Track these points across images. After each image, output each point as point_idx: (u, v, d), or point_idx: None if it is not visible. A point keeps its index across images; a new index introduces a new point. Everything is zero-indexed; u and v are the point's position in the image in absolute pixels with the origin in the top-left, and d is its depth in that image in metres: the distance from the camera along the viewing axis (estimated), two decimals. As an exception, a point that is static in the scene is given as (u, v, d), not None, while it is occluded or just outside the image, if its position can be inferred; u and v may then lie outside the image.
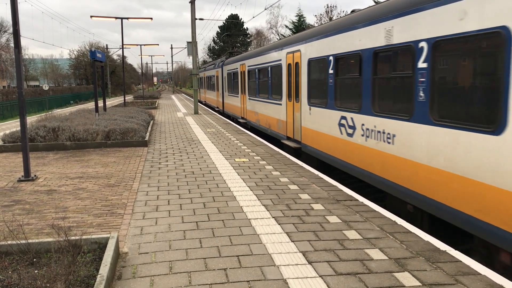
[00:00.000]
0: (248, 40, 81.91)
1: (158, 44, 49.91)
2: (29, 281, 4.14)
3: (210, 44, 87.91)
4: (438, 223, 6.70)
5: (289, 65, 13.46)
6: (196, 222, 6.37)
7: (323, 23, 38.68)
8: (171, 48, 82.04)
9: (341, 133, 9.52)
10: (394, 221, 6.29)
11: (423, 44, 6.61)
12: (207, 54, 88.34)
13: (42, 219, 6.67)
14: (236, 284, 4.43)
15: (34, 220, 6.59)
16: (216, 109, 32.15)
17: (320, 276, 4.58)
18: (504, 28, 5.08)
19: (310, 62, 11.47)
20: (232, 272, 4.69)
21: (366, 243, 5.46)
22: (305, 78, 11.84)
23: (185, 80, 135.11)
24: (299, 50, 12.47)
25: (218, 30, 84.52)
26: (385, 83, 7.91)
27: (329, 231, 5.91)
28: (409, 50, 6.94)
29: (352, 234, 5.78)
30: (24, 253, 4.89)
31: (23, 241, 4.93)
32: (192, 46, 28.20)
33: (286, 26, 68.07)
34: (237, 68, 22.73)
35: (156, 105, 36.30)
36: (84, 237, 5.06)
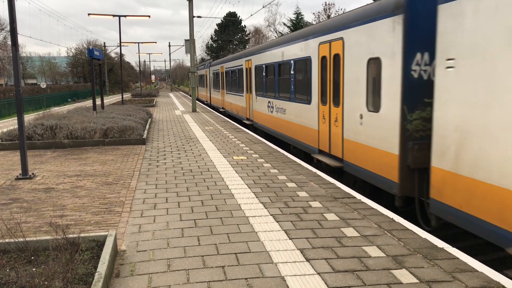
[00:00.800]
0: (246, 38, 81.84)
1: (156, 42, 50.07)
2: (27, 279, 4.14)
3: (208, 42, 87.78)
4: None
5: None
6: (194, 220, 6.38)
7: (321, 20, 38.64)
8: (169, 46, 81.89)
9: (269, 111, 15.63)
10: (392, 218, 6.31)
11: (293, 61, 12.60)
12: (205, 52, 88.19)
13: (40, 217, 6.66)
14: (234, 281, 4.44)
15: (32, 218, 6.59)
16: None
17: (318, 273, 4.59)
18: (309, 57, 11.35)
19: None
20: (230, 270, 4.70)
21: (364, 241, 5.48)
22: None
23: (183, 78, 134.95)
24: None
25: (216, 27, 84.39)
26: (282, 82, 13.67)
27: (327, 229, 5.92)
28: (289, 64, 12.92)
29: (349, 232, 5.79)
30: (22, 251, 4.89)
31: (21, 239, 4.93)
32: (190, 44, 28.16)
33: (284, 24, 68.00)
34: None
35: (154, 103, 36.25)
36: (82, 235, 5.06)
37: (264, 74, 16.33)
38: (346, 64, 9.17)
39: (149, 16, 31.84)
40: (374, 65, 8.05)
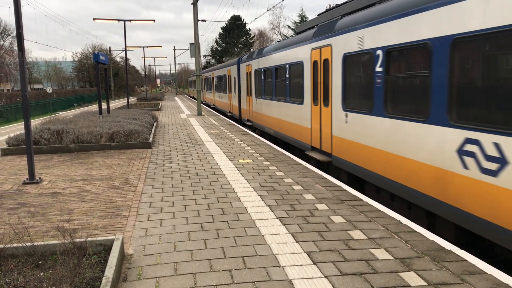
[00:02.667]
0: (251, 41, 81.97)
1: (161, 46, 50.26)
2: (35, 284, 4.15)
3: (212, 45, 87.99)
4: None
5: None
6: (201, 223, 6.38)
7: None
8: (174, 49, 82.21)
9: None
10: (399, 220, 6.28)
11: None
12: (210, 55, 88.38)
13: (47, 221, 6.69)
14: (241, 285, 4.43)
15: (39, 223, 6.61)
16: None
17: (326, 276, 4.58)
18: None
19: None
20: (237, 273, 4.69)
21: (371, 243, 5.45)
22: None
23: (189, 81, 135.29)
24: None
25: (221, 31, 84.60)
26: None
27: (333, 231, 5.90)
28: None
29: (357, 234, 5.77)
30: (30, 256, 4.91)
31: (29, 244, 4.95)
32: (195, 47, 28.24)
33: (289, 27, 68.12)
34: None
35: (159, 107, 36.37)
36: (89, 239, 5.07)
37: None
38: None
39: (153, 20, 32.01)
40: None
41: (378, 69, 8.11)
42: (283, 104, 14.69)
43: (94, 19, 30.39)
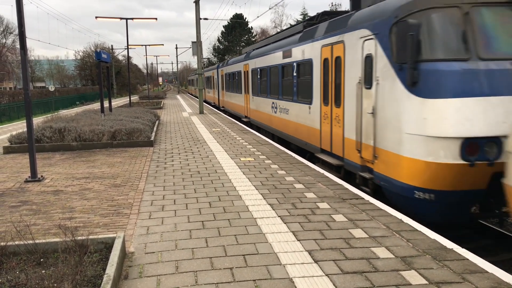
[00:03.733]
0: (253, 39, 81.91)
1: (163, 44, 50.15)
2: (36, 281, 4.16)
3: (215, 44, 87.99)
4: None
5: None
6: (202, 221, 6.38)
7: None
8: (176, 48, 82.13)
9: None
10: (400, 219, 6.27)
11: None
12: (212, 54, 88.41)
13: (49, 219, 6.70)
14: (242, 283, 4.43)
15: (41, 221, 6.63)
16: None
17: (327, 275, 4.58)
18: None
19: None
20: (238, 271, 4.70)
21: (373, 242, 5.45)
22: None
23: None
24: None
25: (223, 29, 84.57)
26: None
27: (335, 230, 5.90)
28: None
29: (358, 233, 5.77)
30: (32, 253, 4.92)
31: (30, 242, 4.96)
32: (197, 46, 28.23)
33: (291, 25, 68.01)
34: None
35: (161, 105, 36.38)
36: (90, 237, 5.08)
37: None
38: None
39: (156, 19, 31.95)
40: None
41: None
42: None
43: (96, 17, 30.40)
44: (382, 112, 7.71)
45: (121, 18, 31.50)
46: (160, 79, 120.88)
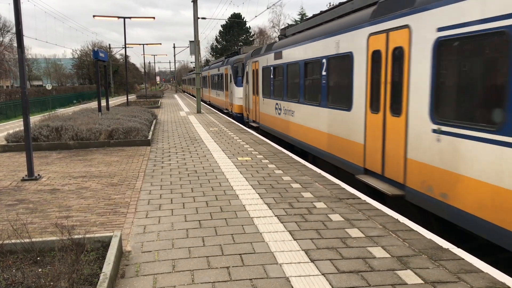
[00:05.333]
0: (251, 39, 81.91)
1: (160, 44, 50.27)
2: (33, 280, 4.16)
3: (213, 43, 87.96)
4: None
5: None
6: (199, 220, 6.39)
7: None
8: (174, 47, 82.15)
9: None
10: (397, 219, 6.30)
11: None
12: (210, 53, 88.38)
13: (46, 218, 6.70)
14: (239, 282, 4.44)
15: (37, 219, 6.63)
16: None
17: (323, 274, 4.59)
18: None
19: None
20: (235, 270, 4.71)
21: (369, 241, 5.47)
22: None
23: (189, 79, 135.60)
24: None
25: (221, 29, 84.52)
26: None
27: (331, 230, 5.91)
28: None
29: (354, 232, 5.79)
30: (28, 252, 4.92)
31: (27, 240, 4.96)
32: (195, 45, 28.22)
33: (289, 25, 68.03)
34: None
35: (159, 104, 36.36)
36: (87, 235, 5.08)
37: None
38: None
39: (153, 18, 31.95)
40: None
41: None
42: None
43: (94, 16, 30.35)
44: None
45: (118, 17, 31.48)
46: (158, 78, 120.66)
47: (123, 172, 9.99)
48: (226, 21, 79.04)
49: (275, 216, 6.52)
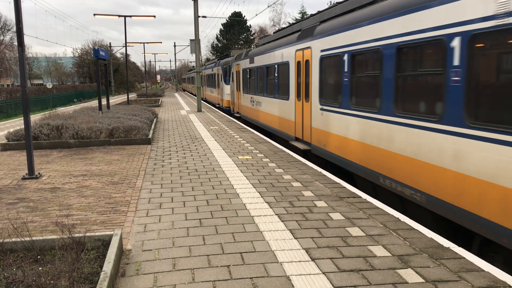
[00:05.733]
0: (252, 37, 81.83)
1: (161, 42, 50.31)
2: (33, 278, 4.16)
3: (213, 42, 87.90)
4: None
5: None
6: (200, 219, 6.39)
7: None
8: (174, 46, 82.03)
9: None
10: (397, 218, 6.29)
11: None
12: (210, 52, 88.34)
13: (46, 216, 6.70)
14: (240, 281, 4.44)
15: (38, 218, 6.62)
16: None
17: (323, 273, 4.59)
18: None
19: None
20: (236, 269, 4.70)
21: (369, 240, 5.46)
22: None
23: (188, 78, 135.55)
24: None
25: (222, 27, 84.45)
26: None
27: (332, 228, 5.91)
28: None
29: (355, 231, 5.78)
30: (29, 250, 4.92)
31: (27, 239, 4.96)
32: (195, 44, 28.20)
33: (290, 23, 67.99)
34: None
35: (159, 103, 36.35)
36: (88, 234, 5.08)
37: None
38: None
39: (154, 16, 31.93)
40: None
41: None
42: None
43: (94, 14, 30.30)
44: None
45: (119, 16, 31.45)
46: (158, 77, 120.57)
47: (123, 170, 9.99)
48: (226, 20, 78.99)
49: (276, 215, 6.52)
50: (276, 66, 15.19)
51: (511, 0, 4.89)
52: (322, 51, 10.69)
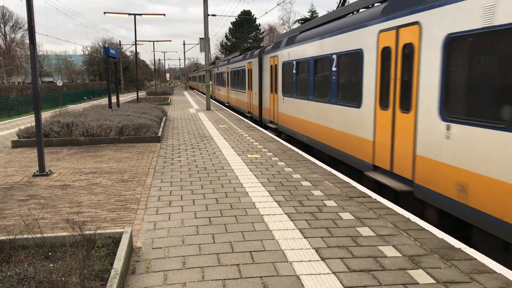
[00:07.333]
0: (261, 36, 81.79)
1: (171, 41, 50.37)
2: (44, 275, 4.18)
3: (222, 40, 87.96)
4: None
5: None
6: (209, 217, 6.39)
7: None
8: (184, 44, 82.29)
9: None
10: (408, 218, 6.25)
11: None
12: (219, 50, 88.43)
13: (57, 213, 6.74)
14: (249, 279, 4.43)
15: (49, 215, 6.67)
16: None
17: (333, 272, 4.57)
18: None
19: None
20: (245, 268, 4.70)
21: (380, 240, 5.43)
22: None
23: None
24: None
25: (231, 26, 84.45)
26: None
27: (342, 228, 5.88)
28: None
29: (365, 231, 5.75)
30: (40, 247, 4.95)
31: (39, 235, 4.99)
32: (204, 42, 28.22)
33: (299, 22, 67.83)
34: None
35: (168, 101, 36.44)
36: (98, 231, 5.10)
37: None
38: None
39: (164, 15, 31.96)
40: None
41: None
42: None
43: (104, 13, 30.44)
44: None
45: (129, 14, 31.53)
46: (168, 75, 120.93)
47: (133, 168, 10.02)
48: (236, 18, 78.98)
49: (285, 214, 6.50)
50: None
51: None
52: (283, 60, 9.70)
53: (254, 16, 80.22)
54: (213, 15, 31.26)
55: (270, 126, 17.88)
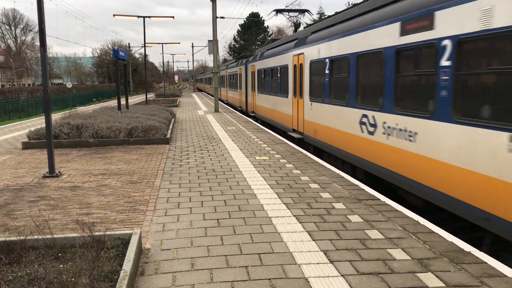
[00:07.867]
0: (269, 38, 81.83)
1: (179, 43, 50.77)
2: (54, 275, 4.22)
3: (231, 42, 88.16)
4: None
5: None
6: (217, 219, 6.40)
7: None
8: (192, 46, 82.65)
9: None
10: (417, 221, 6.22)
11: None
12: (228, 53, 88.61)
13: (67, 214, 6.79)
14: (258, 281, 4.44)
15: (59, 216, 6.72)
16: None
17: (342, 275, 4.56)
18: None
19: None
20: (254, 270, 4.70)
21: (389, 243, 5.41)
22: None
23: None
24: None
25: (239, 28, 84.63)
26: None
27: (350, 231, 5.87)
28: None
29: (374, 234, 5.73)
30: (50, 248, 4.99)
31: (49, 236, 5.03)
32: (213, 44, 28.31)
33: (307, 24, 67.78)
34: None
35: (177, 103, 36.57)
36: (107, 233, 5.13)
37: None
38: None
39: (173, 17, 32.15)
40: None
41: None
42: None
43: (114, 15, 30.65)
44: None
45: (138, 17, 31.74)
46: (176, 77, 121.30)
47: (142, 170, 10.07)
48: (244, 21, 79.21)
49: (294, 216, 6.50)
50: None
51: None
52: (257, 68, 16.24)
53: (263, 18, 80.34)
54: (222, 17, 31.40)
55: (251, 115, 25.32)
